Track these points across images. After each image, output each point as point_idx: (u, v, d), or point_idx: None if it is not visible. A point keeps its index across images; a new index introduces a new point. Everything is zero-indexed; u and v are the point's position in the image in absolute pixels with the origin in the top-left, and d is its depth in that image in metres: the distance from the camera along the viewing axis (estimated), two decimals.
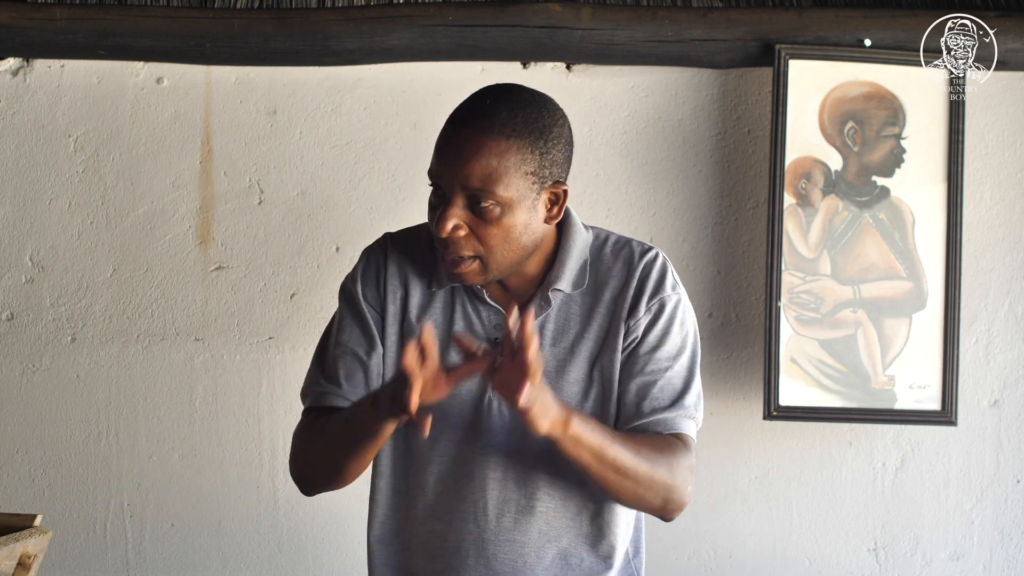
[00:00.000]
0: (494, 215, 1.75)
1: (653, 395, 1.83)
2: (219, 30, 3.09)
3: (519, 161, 1.74)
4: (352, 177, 3.21)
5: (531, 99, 1.79)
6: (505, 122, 1.74)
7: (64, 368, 3.22)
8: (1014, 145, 3.19)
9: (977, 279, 3.17)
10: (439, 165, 1.77)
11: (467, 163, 1.73)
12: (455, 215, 1.75)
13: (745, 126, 3.19)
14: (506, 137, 1.74)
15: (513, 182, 1.74)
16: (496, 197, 1.74)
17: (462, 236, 1.76)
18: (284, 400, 3.20)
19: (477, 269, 1.79)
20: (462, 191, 1.74)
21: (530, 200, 1.77)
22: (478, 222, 1.75)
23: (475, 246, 1.77)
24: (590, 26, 3.07)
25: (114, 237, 3.21)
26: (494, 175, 1.73)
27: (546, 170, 1.78)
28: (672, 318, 1.86)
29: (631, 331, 1.84)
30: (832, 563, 3.20)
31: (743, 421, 3.16)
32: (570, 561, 1.85)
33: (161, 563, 3.23)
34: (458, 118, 1.78)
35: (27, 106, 3.21)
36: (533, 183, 1.77)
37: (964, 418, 3.14)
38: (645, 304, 1.84)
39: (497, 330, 1.84)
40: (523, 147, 1.75)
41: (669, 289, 1.86)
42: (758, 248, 3.15)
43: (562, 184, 1.82)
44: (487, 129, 1.74)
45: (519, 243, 1.78)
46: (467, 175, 1.73)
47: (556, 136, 1.79)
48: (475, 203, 1.75)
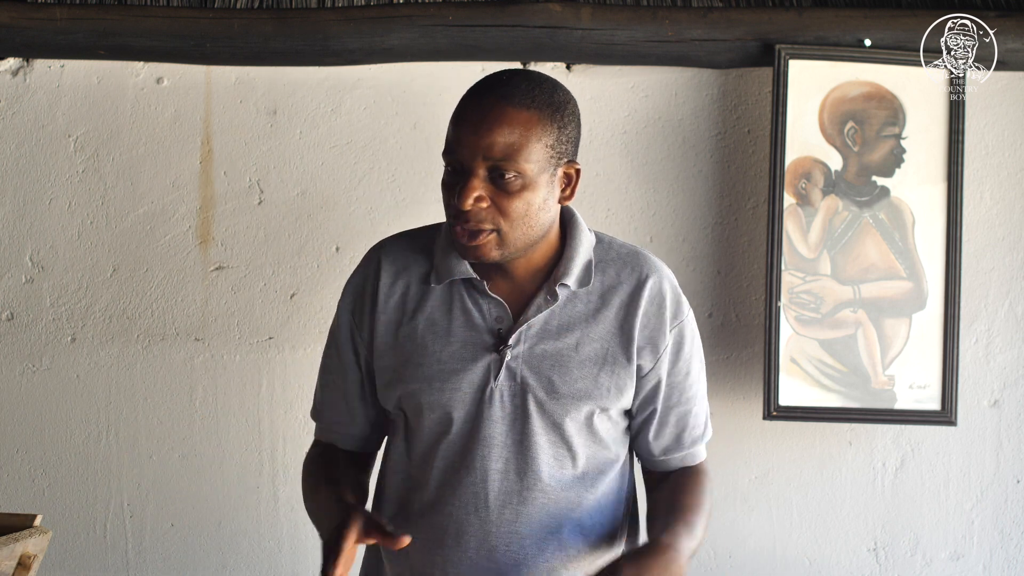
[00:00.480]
0: (515, 187, 1.75)
1: (692, 425, 1.94)
2: (219, 30, 3.09)
3: (540, 132, 1.75)
4: (352, 177, 3.21)
5: (545, 77, 1.82)
6: (525, 93, 1.75)
7: (64, 368, 3.22)
8: (1014, 145, 3.19)
9: (977, 279, 3.18)
10: (459, 135, 1.75)
11: (490, 133, 1.72)
12: (476, 187, 1.74)
13: (745, 126, 3.19)
14: (527, 107, 1.74)
15: (534, 154, 1.75)
16: (518, 168, 1.74)
17: (483, 208, 1.75)
18: (284, 400, 3.20)
19: (495, 243, 1.78)
20: (484, 162, 1.74)
21: (548, 175, 1.78)
22: (499, 194, 1.75)
23: (495, 219, 1.76)
24: (590, 26, 3.07)
25: (114, 237, 3.21)
26: (517, 145, 1.73)
27: (563, 145, 1.79)
28: (693, 341, 1.92)
29: (659, 358, 1.87)
30: (832, 563, 3.20)
31: (743, 421, 3.16)
32: (569, 552, 1.86)
33: (161, 563, 3.23)
34: (476, 92, 1.77)
35: (27, 106, 3.21)
36: (551, 157, 1.77)
37: (964, 418, 3.14)
38: (668, 330, 1.87)
39: (499, 322, 1.84)
40: (543, 118, 1.76)
41: (686, 311, 1.91)
42: (758, 248, 3.15)
43: (575, 163, 1.83)
44: (509, 97, 1.74)
45: (537, 219, 1.79)
46: (490, 145, 1.73)
47: (571, 112, 1.81)
48: (497, 175, 1.74)
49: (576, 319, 1.85)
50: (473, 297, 1.86)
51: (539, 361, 1.83)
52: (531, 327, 1.84)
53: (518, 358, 1.83)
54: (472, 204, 1.74)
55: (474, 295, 1.86)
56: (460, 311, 1.86)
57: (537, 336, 1.84)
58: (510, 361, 1.82)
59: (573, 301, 1.86)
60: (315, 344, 3.20)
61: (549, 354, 1.83)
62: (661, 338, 1.86)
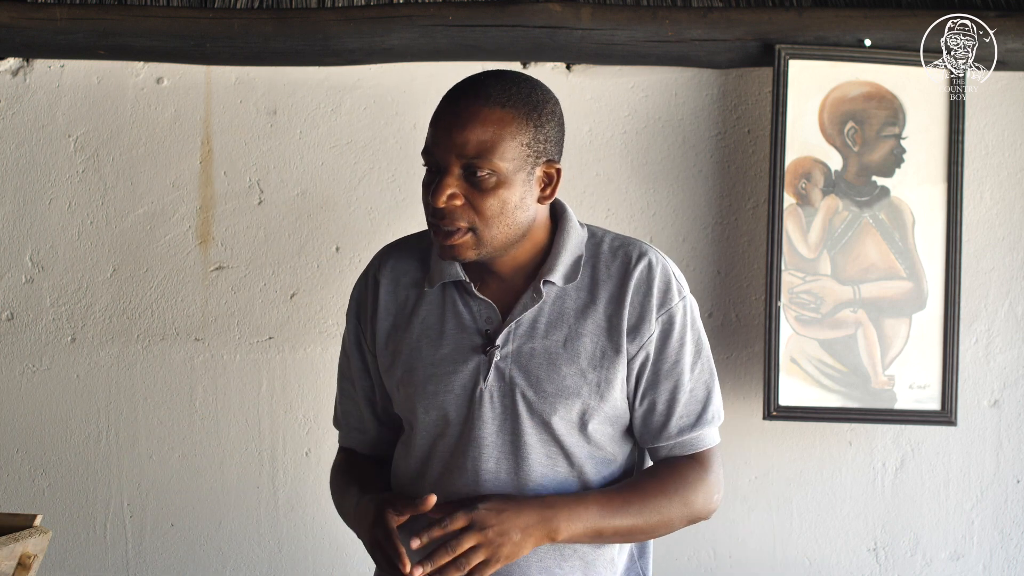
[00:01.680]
0: (489, 184, 1.76)
1: (679, 412, 1.87)
2: (219, 30, 3.09)
3: (514, 131, 1.76)
4: (352, 177, 3.21)
5: (524, 78, 1.83)
6: (500, 92, 1.77)
7: (64, 368, 3.22)
8: (1014, 145, 3.19)
9: (977, 279, 3.18)
10: (434, 136, 1.79)
11: (463, 131, 1.75)
12: (451, 184, 1.76)
13: (745, 126, 3.19)
14: (501, 106, 1.76)
15: (508, 151, 1.76)
16: (492, 166, 1.75)
17: (458, 207, 1.77)
18: (284, 400, 3.20)
19: (471, 242, 1.79)
20: (458, 160, 1.76)
21: (525, 173, 1.78)
22: (473, 192, 1.77)
23: (470, 217, 1.77)
24: (590, 26, 3.07)
25: (114, 237, 3.21)
26: (490, 143, 1.75)
27: (540, 144, 1.79)
28: (684, 327, 1.87)
29: (643, 345, 1.84)
30: (832, 563, 3.20)
31: (743, 421, 3.16)
32: (564, 552, 1.85)
33: (161, 563, 3.23)
34: (453, 93, 1.81)
35: (27, 106, 3.21)
36: (527, 156, 1.78)
37: (964, 418, 3.14)
38: (654, 318, 1.84)
39: (488, 323, 1.85)
40: (518, 117, 1.77)
41: (676, 297, 1.86)
42: (758, 248, 3.15)
43: (555, 163, 1.83)
44: (483, 98, 1.77)
45: (513, 217, 1.79)
46: (463, 143, 1.75)
47: (550, 112, 1.81)
48: (471, 173, 1.76)
49: (565, 316, 1.84)
50: (464, 299, 1.87)
51: (527, 360, 1.82)
52: (519, 326, 1.84)
53: (507, 358, 1.83)
54: (446, 202, 1.76)
55: (465, 297, 1.87)
56: (452, 314, 1.87)
57: (525, 335, 1.83)
58: (499, 361, 1.82)
59: (562, 298, 1.85)
60: (315, 344, 3.20)
61: (537, 352, 1.83)
62: (645, 325, 1.84)
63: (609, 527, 1.79)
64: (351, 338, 1.97)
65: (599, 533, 1.79)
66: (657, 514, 1.83)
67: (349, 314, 1.99)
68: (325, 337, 3.19)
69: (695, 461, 1.89)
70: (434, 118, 1.80)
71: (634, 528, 1.82)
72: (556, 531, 1.76)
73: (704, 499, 1.87)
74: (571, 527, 1.77)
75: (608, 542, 1.84)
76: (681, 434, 1.87)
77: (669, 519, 1.84)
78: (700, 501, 1.87)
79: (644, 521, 1.82)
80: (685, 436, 1.88)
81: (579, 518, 1.77)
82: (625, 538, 1.84)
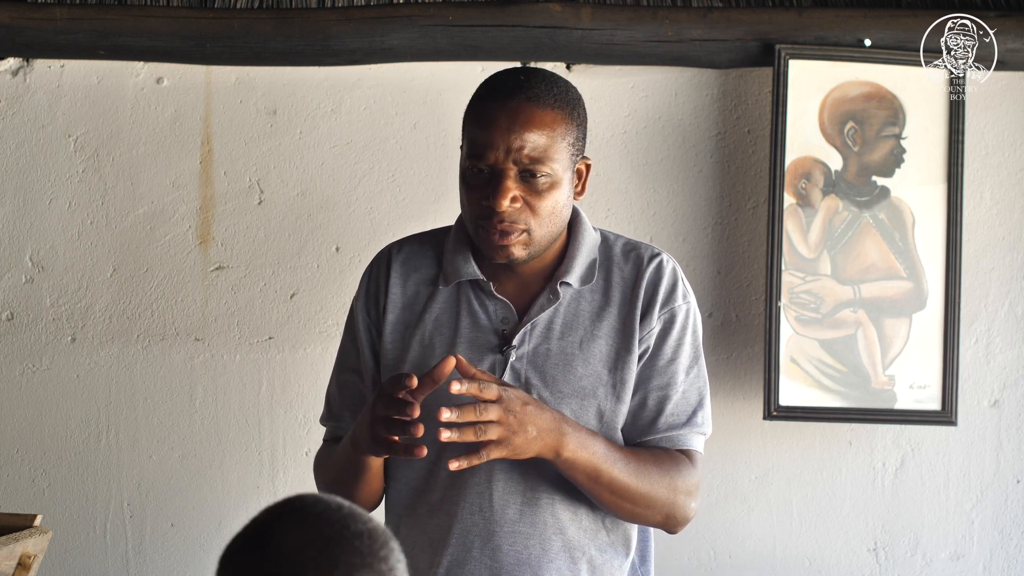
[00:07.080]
0: (546, 186, 1.78)
1: (669, 411, 1.86)
2: (219, 30, 3.09)
3: (563, 132, 1.79)
4: (352, 177, 3.21)
5: (555, 75, 1.86)
6: (546, 93, 1.79)
7: (64, 368, 3.22)
8: (1014, 145, 3.19)
9: (977, 279, 3.18)
10: (487, 138, 1.77)
11: (521, 134, 1.76)
12: (512, 188, 1.77)
13: (745, 126, 3.19)
14: (552, 108, 1.78)
15: (560, 152, 1.79)
16: (549, 168, 1.77)
17: (516, 208, 1.78)
18: (284, 400, 3.20)
19: (525, 242, 1.80)
20: (515, 164, 1.76)
21: (570, 172, 1.82)
22: (530, 193, 1.78)
23: (527, 219, 1.79)
24: (590, 26, 3.07)
25: (114, 237, 3.21)
26: (545, 146, 1.77)
27: (580, 142, 1.84)
28: (684, 329, 1.88)
29: (643, 340, 1.85)
30: (832, 563, 3.20)
31: (743, 421, 3.16)
32: (575, 554, 1.85)
33: (161, 563, 3.23)
34: (500, 90, 1.80)
35: (27, 106, 3.21)
36: (573, 155, 1.82)
37: (964, 418, 3.14)
38: (657, 314, 1.86)
39: (504, 323, 1.85)
40: (567, 118, 1.80)
41: (680, 299, 1.88)
42: (758, 248, 3.15)
43: (587, 158, 1.87)
44: (534, 99, 1.78)
45: (560, 216, 1.82)
46: (520, 147, 1.76)
47: (583, 109, 1.86)
48: (528, 175, 1.77)
49: (580, 317, 1.85)
50: (480, 298, 1.87)
51: (543, 360, 1.83)
52: (535, 326, 1.84)
53: (523, 358, 1.83)
54: (508, 205, 1.77)
55: (481, 296, 1.87)
56: (467, 312, 1.87)
57: (541, 336, 1.84)
58: (514, 361, 1.83)
59: (577, 300, 1.86)
60: (315, 344, 3.20)
61: (553, 353, 1.83)
62: (649, 319, 1.85)
63: (606, 473, 1.77)
64: (361, 327, 1.93)
65: (596, 473, 1.77)
66: (648, 483, 1.80)
67: (358, 307, 1.95)
68: (325, 337, 3.19)
69: (684, 455, 1.88)
70: (480, 119, 1.79)
71: (625, 488, 1.79)
72: (564, 447, 1.74)
73: (686, 494, 1.85)
74: (577, 452, 1.75)
75: (595, 493, 1.80)
76: (670, 430, 1.87)
77: (655, 496, 1.81)
78: (683, 494, 1.84)
79: (635, 485, 1.79)
80: (673, 432, 1.87)
81: (586, 448, 1.76)
82: (612, 495, 1.80)
